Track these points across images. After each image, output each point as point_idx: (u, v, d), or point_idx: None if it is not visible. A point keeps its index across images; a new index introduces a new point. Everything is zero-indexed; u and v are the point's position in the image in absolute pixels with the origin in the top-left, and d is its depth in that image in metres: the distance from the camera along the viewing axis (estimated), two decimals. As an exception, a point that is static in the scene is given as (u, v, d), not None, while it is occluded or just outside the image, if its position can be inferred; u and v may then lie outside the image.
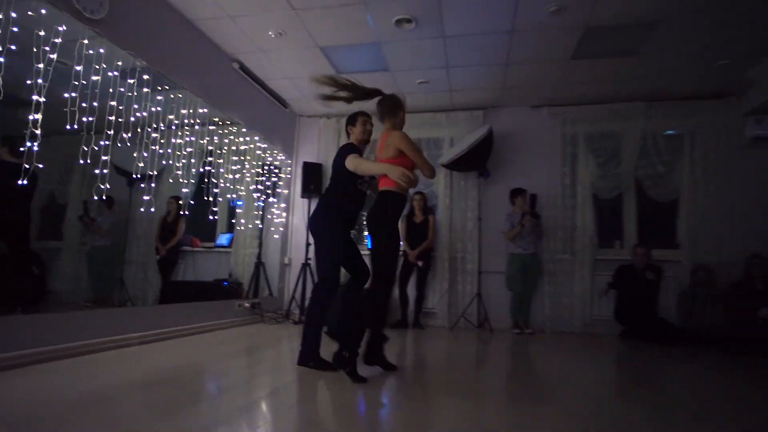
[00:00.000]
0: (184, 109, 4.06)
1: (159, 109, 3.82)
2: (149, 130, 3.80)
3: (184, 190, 4.87)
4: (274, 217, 5.85)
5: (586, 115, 5.46)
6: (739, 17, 3.68)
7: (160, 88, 3.80)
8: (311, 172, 5.83)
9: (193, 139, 4.56)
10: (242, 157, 5.24)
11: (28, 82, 2.66)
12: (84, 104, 2.99)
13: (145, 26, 3.52)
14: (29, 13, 2.69)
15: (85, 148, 3.02)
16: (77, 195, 4.80)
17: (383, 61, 4.61)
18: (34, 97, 2.66)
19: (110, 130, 3.23)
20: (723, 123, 5.13)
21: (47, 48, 2.72)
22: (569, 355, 3.87)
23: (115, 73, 3.22)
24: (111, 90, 3.21)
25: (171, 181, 4.44)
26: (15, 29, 2.56)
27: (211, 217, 4.87)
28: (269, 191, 5.68)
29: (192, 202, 4.82)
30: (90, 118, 3.00)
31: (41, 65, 2.68)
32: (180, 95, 4.03)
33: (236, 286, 5.66)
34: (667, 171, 5.25)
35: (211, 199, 4.81)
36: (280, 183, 5.82)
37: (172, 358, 3.07)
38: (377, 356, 2.87)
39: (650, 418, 2.09)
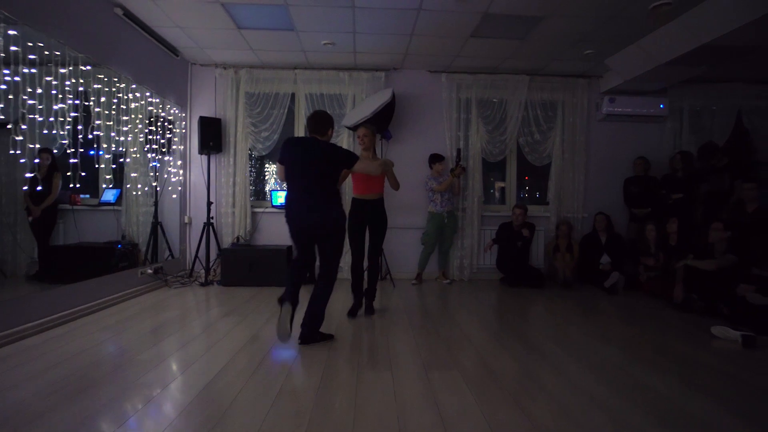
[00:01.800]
0: (63, 68, 3.59)
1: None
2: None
3: (63, 142, 4.38)
4: (171, 175, 5.54)
5: (479, 83, 5.89)
6: (601, 20, 4.35)
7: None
8: (209, 127, 5.55)
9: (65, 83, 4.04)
10: (124, 107, 4.77)
11: None
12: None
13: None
14: None
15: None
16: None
17: (289, 21, 4.45)
18: None
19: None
20: (587, 99, 5.98)
21: None
22: (470, 298, 4.56)
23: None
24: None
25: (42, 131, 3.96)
26: None
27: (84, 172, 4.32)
28: (164, 148, 5.33)
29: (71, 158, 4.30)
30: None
31: None
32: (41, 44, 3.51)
33: (131, 247, 5.39)
34: (543, 138, 6.01)
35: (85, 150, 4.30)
36: (175, 139, 5.46)
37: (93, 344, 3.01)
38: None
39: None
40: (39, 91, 3.52)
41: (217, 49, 5.29)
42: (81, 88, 4.53)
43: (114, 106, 4.41)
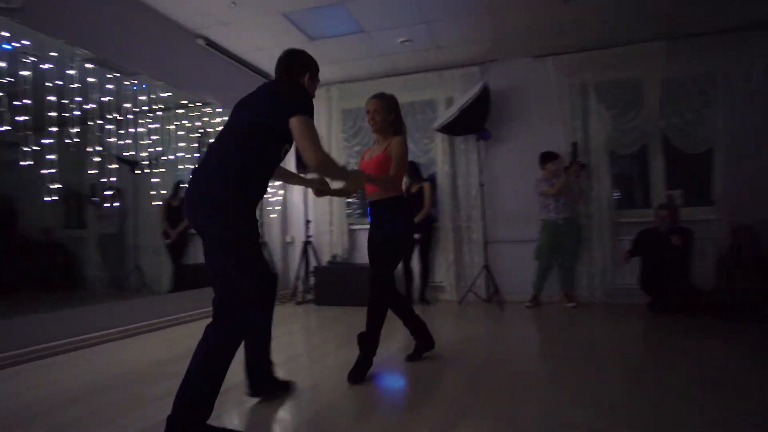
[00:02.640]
0: (144, 95, 3.92)
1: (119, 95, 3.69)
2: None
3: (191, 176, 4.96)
4: (272, 196, 5.71)
5: (593, 62, 4.81)
6: None
7: (112, 76, 3.65)
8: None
9: (185, 123, 4.59)
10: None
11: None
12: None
13: (85, 14, 3.33)
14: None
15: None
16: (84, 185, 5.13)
17: (354, 22, 4.21)
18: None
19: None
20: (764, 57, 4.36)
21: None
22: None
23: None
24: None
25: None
26: None
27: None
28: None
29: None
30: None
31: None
32: (135, 81, 3.87)
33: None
34: (696, 119, 4.56)
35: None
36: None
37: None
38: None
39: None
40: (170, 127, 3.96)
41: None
42: (198, 123, 5.04)
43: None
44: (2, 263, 6.31)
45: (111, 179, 4.33)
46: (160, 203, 5.42)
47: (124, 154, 5.07)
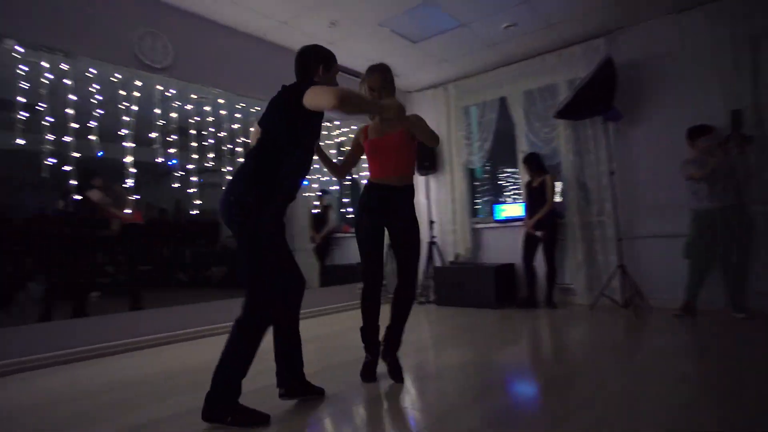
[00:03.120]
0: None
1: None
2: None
3: (333, 187, 5.99)
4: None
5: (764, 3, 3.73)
6: None
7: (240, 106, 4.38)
8: (425, 149, 5.69)
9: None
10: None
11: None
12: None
13: (215, 57, 4.06)
14: (111, 78, 3.47)
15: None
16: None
17: (449, 17, 4.14)
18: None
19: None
20: None
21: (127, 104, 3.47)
22: None
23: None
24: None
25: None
26: (100, 98, 3.36)
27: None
28: None
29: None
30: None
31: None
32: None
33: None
34: None
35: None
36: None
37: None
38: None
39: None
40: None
41: (417, 70, 5.43)
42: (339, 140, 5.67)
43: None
44: (210, 264, 7.94)
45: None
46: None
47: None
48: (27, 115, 3.06)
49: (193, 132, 4.09)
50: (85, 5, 3.29)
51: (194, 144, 4.09)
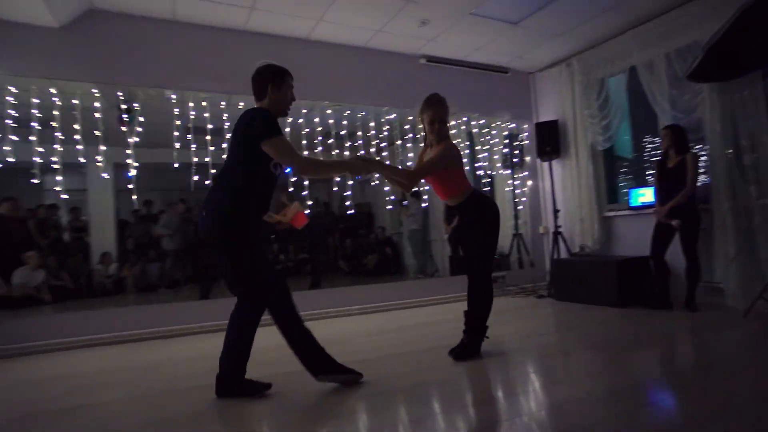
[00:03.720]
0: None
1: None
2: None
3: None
4: (514, 187, 5.73)
5: None
6: None
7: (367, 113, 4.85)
8: (544, 132, 5.33)
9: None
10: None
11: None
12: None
13: (323, 73, 4.59)
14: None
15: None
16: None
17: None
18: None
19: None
20: None
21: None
22: None
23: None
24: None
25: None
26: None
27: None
28: (514, 161, 5.63)
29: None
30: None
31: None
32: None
33: (498, 258, 5.96)
34: None
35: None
36: (516, 152, 5.61)
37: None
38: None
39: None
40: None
41: (531, 50, 5.09)
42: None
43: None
44: (366, 253, 8.83)
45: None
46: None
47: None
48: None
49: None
50: (203, 48, 4.16)
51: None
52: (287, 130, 4.61)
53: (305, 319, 2.29)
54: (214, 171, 4.34)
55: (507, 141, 5.58)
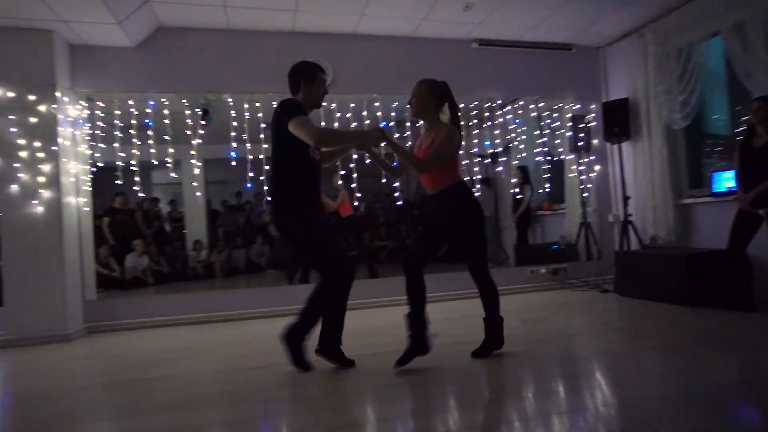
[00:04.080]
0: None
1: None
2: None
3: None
4: (580, 173, 5.33)
5: None
6: None
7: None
8: (612, 112, 4.88)
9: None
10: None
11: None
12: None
13: (367, 66, 4.65)
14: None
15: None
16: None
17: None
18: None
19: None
20: None
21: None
22: None
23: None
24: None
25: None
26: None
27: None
28: (579, 145, 5.26)
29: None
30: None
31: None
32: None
33: (565, 247, 5.65)
34: None
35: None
36: (581, 135, 5.19)
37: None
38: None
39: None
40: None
41: (596, 23, 4.65)
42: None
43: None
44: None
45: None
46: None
47: (489, 151, 6.26)
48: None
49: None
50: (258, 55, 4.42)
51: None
52: (336, 124, 4.77)
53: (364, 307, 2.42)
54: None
55: (571, 124, 5.19)
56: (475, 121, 6.03)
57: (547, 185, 5.91)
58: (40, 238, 3.68)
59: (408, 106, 2.65)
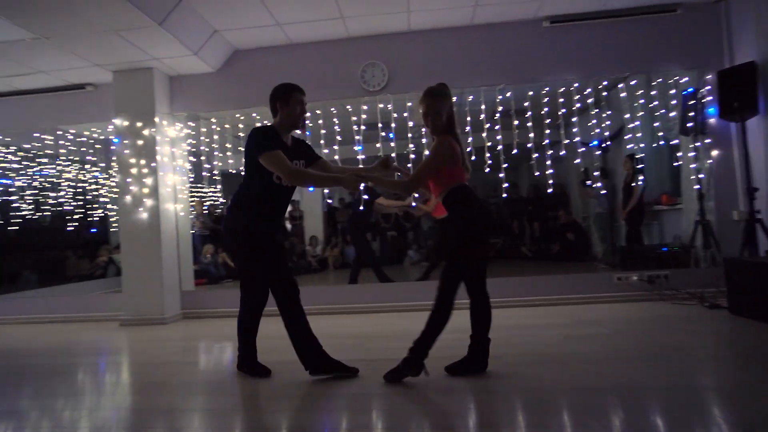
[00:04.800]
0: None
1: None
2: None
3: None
4: (694, 160, 4.35)
5: None
6: None
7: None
8: (731, 81, 3.89)
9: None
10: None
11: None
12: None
13: (424, 63, 4.51)
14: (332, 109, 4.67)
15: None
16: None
17: None
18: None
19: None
20: None
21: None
22: None
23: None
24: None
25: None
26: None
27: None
28: (688, 126, 4.35)
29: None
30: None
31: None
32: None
33: (679, 250, 4.76)
34: None
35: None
36: (690, 114, 4.23)
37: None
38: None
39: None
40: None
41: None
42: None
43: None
44: (554, 238, 8.04)
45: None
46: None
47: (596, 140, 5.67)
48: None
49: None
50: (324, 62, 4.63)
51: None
52: (393, 125, 4.76)
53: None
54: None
55: (675, 102, 4.27)
56: (578, 105, 5.37)
57: (641, 177, 5.00)
58: (144, 239, 4.51)
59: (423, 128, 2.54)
